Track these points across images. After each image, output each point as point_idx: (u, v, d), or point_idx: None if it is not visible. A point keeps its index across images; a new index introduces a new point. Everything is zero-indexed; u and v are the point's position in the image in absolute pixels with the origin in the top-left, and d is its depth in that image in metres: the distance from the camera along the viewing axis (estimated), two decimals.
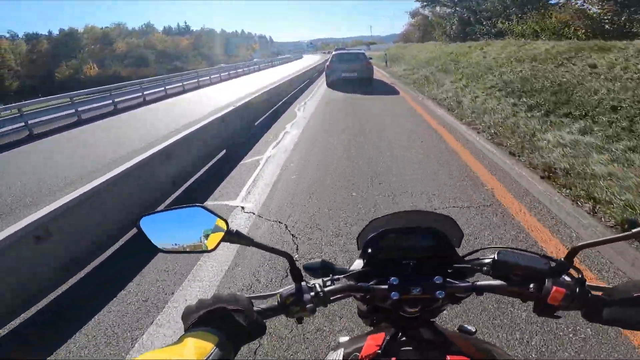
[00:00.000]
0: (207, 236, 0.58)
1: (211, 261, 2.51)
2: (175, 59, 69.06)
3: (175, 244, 0.59)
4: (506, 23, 13.30)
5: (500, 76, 7.97)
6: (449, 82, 9.62)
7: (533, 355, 1.58)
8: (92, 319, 2.08)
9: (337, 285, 0.59)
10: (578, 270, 0.54)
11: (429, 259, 0.63)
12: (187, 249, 0.59)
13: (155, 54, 67.44)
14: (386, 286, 0.58)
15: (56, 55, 61.15)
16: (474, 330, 0.65)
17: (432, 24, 25.01)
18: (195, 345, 0.44)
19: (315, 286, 0.58)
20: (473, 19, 16.27)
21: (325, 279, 0.60)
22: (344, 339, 0.70)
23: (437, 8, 24.17)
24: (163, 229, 0.59)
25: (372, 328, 0.70)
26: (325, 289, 0.58)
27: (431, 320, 0.62)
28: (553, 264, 0.55)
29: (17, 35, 66.40)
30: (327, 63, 13.01)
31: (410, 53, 21.57)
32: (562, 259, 0.54)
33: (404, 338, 0.60)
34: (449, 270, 0.62)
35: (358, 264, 0.66)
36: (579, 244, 0.52)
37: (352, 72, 12.27)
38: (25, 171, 5.72)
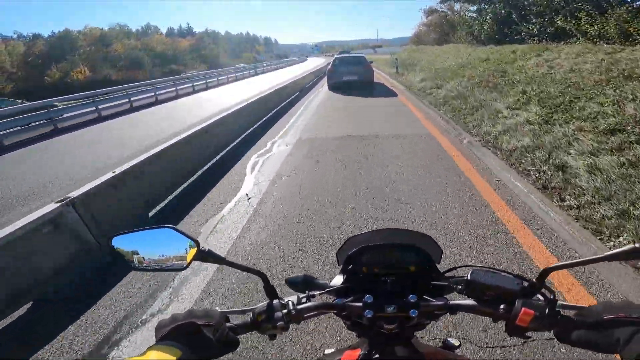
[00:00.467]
0: (179, 254, 0.58)
1: None
2: (172, 61, 65.76)
3: (149, 263, 0.60)
4: (572, 21, 9.58)
5: (617, 107, 4.42)
6: (506, 108, 6.07)
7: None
8: None
9: (310, 303, 0.59)
10: (551, 291, 0.53)
11: (409, 275, 0.63)
12: (161, 268, 0.60)
13: (152, 57, 64.28)
14: (361, 304, 0.57)
15: (52, 57, 58.64)
16: (457, 344, 0.68)
17: (451, 23, 21.29)
18: (156, 358, 0.44)
19: (288, 303, 0.57)
20: (517, 16, 12.48)
21: (301, 296, 0.60)
22: (329, 350, 0.69)
23: (457, 5, 20.55)
24: (136, 248, 0.60)
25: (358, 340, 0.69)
26: (298, 307, 0.58)
27: (414, 334, 0.61)
28: (525, 284, 0.54)
29: (23, 36, 64.38)
30: (329, 66, 12.78)
31: (426, 58, 18.01)
32: (534, 280, 0.54)
33: (377, 355, 0.58)
34: (430, 287, 0.62)
35: (338, 280, 0.65)
36: (551, 265, 0.52)
37: (353, 75, 12.00)
38: None
